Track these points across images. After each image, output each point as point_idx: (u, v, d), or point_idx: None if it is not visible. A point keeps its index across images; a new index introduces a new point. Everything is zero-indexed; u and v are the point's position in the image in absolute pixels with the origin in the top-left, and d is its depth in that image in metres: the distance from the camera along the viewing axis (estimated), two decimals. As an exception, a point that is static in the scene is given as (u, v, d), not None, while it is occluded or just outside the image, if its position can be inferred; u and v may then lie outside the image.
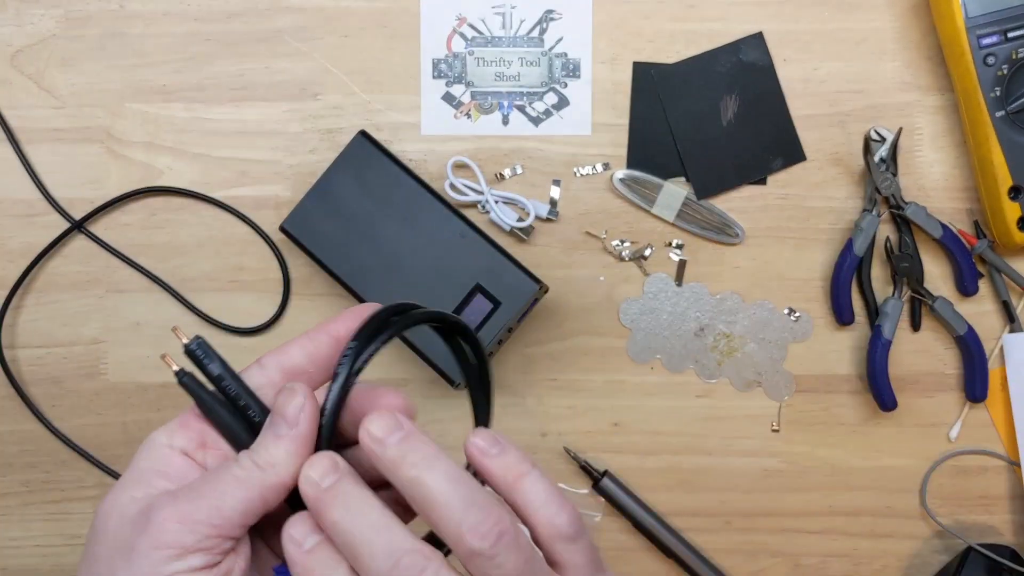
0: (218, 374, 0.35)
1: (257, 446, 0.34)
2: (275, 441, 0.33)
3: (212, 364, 0.35)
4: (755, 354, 0.71)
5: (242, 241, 0.71)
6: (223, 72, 0.71)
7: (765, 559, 0.72)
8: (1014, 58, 0.65)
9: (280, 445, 0.33)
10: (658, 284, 0.71)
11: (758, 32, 0.70)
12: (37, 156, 0.71)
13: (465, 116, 0.71)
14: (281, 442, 0.33)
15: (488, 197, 0.69)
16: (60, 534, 0.73)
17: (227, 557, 0.33)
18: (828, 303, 0.70)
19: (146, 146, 0.71)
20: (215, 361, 0.35)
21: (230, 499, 0.33)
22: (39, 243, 0.71)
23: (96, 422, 0.72)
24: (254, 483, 0.33)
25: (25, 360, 0.72)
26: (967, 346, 0.69)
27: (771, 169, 0.70)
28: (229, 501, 0.33)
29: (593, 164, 0.70)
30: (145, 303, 0.71)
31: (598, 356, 0.71)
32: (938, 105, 0.70)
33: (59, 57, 0.71)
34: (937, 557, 0.71)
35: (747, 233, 0.70)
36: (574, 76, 0.70)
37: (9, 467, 0.73)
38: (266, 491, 0.33)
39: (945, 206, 0.70)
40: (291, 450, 0.33)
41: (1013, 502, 0.71)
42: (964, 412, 0.71)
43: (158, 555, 0.32)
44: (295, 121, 0.71)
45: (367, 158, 0.67)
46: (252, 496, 0.33)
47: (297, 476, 0.33)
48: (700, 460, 0.71)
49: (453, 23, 0.70)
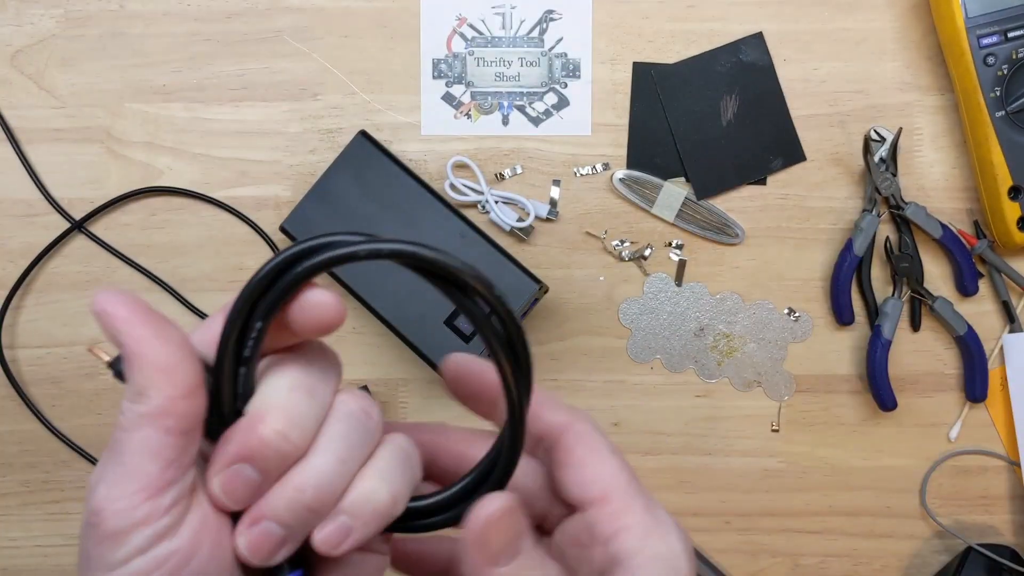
0: None
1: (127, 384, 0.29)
2: (128, 368, 0.28)
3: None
4: (755, 354, 0.71)
5: (242, 241, 0.71)
6: (223, 72, 0.71)
7: (765, 559, 0.72)
8: (1014, 58, 0.65)
9: (131, 369, 0.28)
10: (658, 284, 0.71)
11: (758, 32, 0.70)
12: (37, 156, 0.71)
13: (465, 116, 0.71)
14: (130, 365, 0.28)
15: (488, 197, 0.69)
16: (60, 534, 0.73)
17: (182, 520, 0.29)
18: (828, 303, 0.70)
19: (146, 146, 0.71)
20: None
21: (132, 455, 0.28)
22: (39, 243, 0.71)
23: (96, 422, 0.72)
24: (138, 422, 0.28)
25: (25, 360, 0.72)
26: (967, 346, 0.69)
27: (771, 169, 0.70)
28: (133, 458, 0.28)
29: (593, 164, 0.71)
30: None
31: (598, 356, 0.71)
32: (938, 105, 0.70)
33: (59, 57, 0.71)
34: (937, 557, 0.71)
35: (747, 233, 0.70)
36: (574, 76, 0.70)
37: (9, 467, 0.73)
38: (157, 421, 0.28)
39: (945, 206, 0.70)
40: (143, 366, 0.28)
41: (1013, 502, 0.71)
42: (964, 412, 0.71)
43: (104, 548, 0.28)
44: (295, 121, 0.71)
45: (367, 158, 0.67)
46: (146, 436, 0.28)
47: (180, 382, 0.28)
48: (700, 460, 0.71)
49: (453, 23, 0.70)
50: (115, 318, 0.28)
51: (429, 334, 0.65)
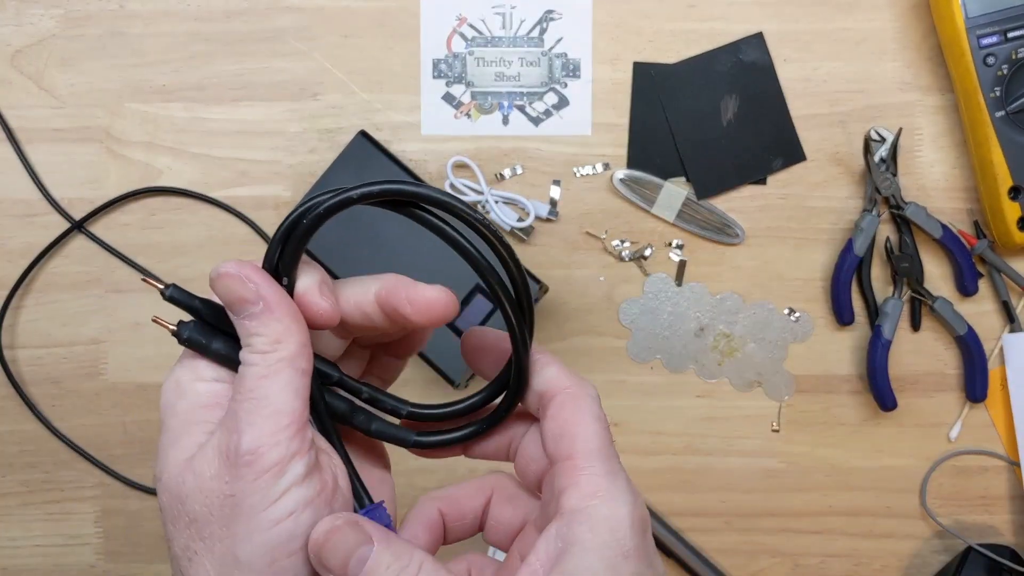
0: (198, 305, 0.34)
1: (248, 338, 0.32)
2: (256, 322, 0.32)
3: (193, 301, 0.34)
4: (755, 354, 0.71)
5: (242, 241, 0.71)
6: (223, 72, 0.71)
7: (765, 559, 0.72)
8: (1014, 58, 0.65)
9: (264, 322, 0.32)
10: (658, 284, 0.71)
11: (758, 32, 0.70)
12: (37, 156, 0.71)
13: (465, 116, 0.71)
14: (262, 319, 0.32)
15: (488, 197, 0.69)
16: (60, 534, 0.73)
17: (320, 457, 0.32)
18: (828, 303, 0.70)
19: (145, 146, 0.71)
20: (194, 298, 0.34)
21: (279, 395, 0.31)
22: (39, 243, 0.71)
23: (96, 422, 0.72)
24: (279, 366, 0.31)
25: (25, 360, 0.72)
26: (967, 346, 0.69)
27: (771, 169, 0.70)
28: (280, 397, 0.31)
29: (593, 164, 0.70)
30: (145, 303, 0.71)
31: (598, 356, 0.71)
32: (938, 105, 0.70)
33: (59, 57, 0.71)
34: (937, 557, 0.71)
35: (747, 233, 0.70)
36: (574, 76, 0.70)
37: (9, 467, 0.73)
38: (295, 363, 0.31)
39: (945, 206, 0.70)
40: (277, 315, 0.32)
41: (1013, 502, 0.71)
42: (964, 412, 0.71)
43: (263, 483, 0.30)
44: (295, 121, 0.71)
45: (367, 158, 0.67)
46: (288, 376, 0.31)
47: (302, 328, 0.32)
48: (700, 460, 0.71)
49: (453, 23, 0.70)
50: (252, 279, 0.32)
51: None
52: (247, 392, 0.31)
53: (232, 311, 0.32)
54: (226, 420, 0.31)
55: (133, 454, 0.72)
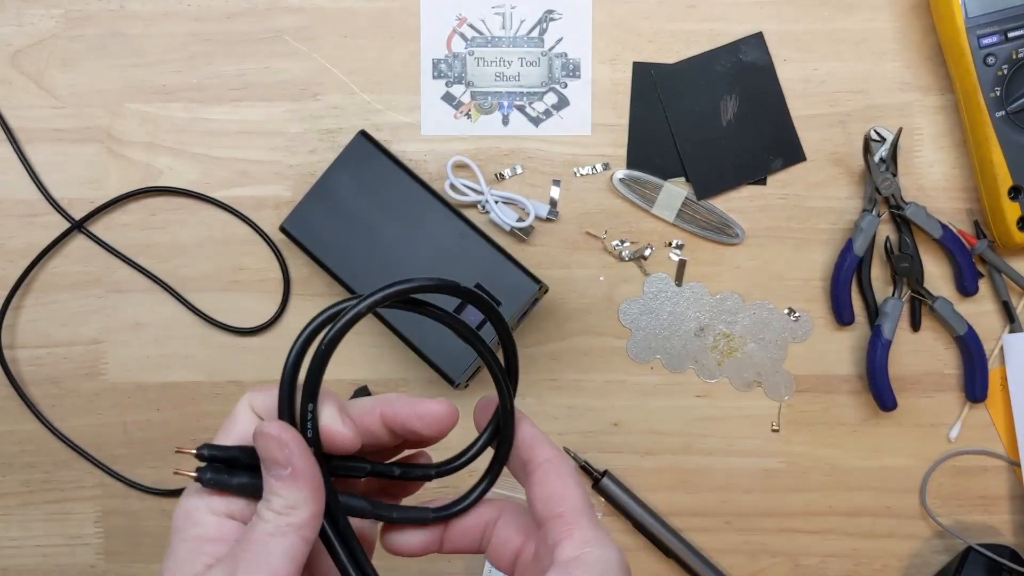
0: (237, 454, 0.36)
1: (268, 495, 0.35)
2: (280, 484, 0.34)
3: (231, 452, 0.36)
4: (755, 354, 0.71)
5: (242, 241, 0.71)
6: (223, 72, 0.71)
7: (765, 559, 0.72)
8: (1014, 58, 0.65)
9: (286, 486, 0.34)
10: (658, 284, 0.71)
11: (758, 32, 0.70)
12: (37, 156, 0.71)
13: (465, 116, 0.71)
14: (285, 483, 0.34)
15: (488, 197, 0.69)
16: (60, 534, 0.73)
17: None
18: (828, 303, 0.70)
19: (146, 146, 0.71)
20: (231, 449, 0.36)
21: (275, 555, 0.34)
22: (39, 243, 0.71)
23: (96, 422, 0.72)
24: (287, 530, 0.34)
25: (25, 360, 0.72)
26: (967, 346, 0.69)
27: (771, 169, 0.70)
28: (276, 558, 0.34)
29: (593, 164, 0.70)
30: (145, 303, 0.71)
31: (598, 356, 0.71)
32: (938, 105, 0.70)
33: (59, 57, 0.71)
34: (937, 557, 0.71)
35: (747, 233, 0.70)
36: (574, 76, 0.70)
37: (9, 467, 0.73)
38: (301, 531, 0.34)
39: (945, 206, 0.70)
40: (299, 485, 0.34)
41: (1013, 502, 0.71)
42: (964, 412, 0.71)
43: None
44: (295, 121, 0.71)
45: (367, 158, 0.67)
46: (291, 542, 0.34)
47: (319, 499, 0.35)
48: (700, 460, 0.71)
49: (453, 23, 0.70)
50: (288, 446, 0.34)
51: (429, 335, 0.65)
52: (251, 543, 0.34)
53: (264, 466, 0.35)
54: (226, 560, 0.34)
55: (133, 454, 0.72)
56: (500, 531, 0.40)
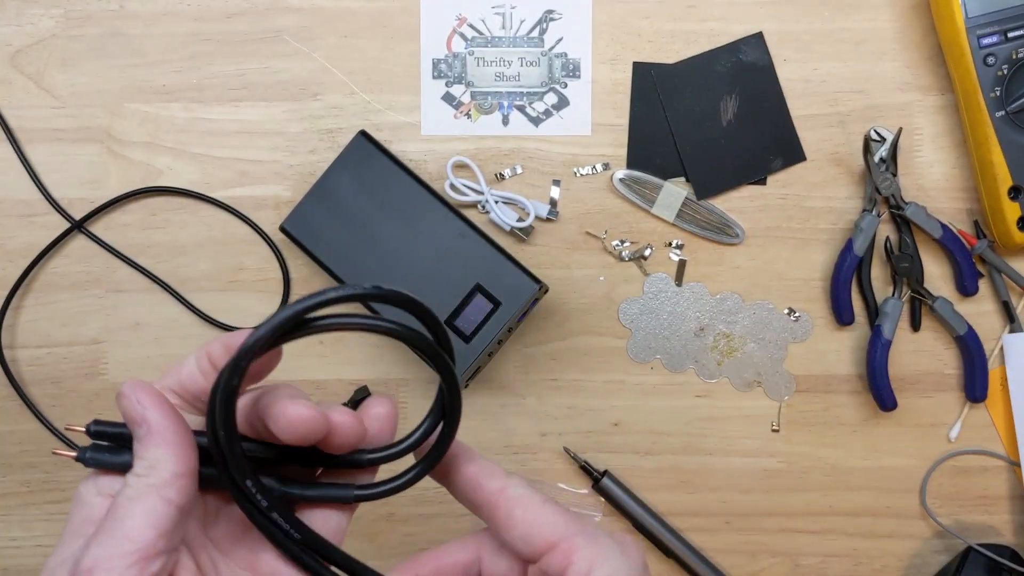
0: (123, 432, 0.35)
1: (135, 459, 0.33)
2: (139, 445, 0.33)
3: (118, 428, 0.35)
4: (755, 354, 0.71)
5: (242, 241, 0.71)
6: (223, 72, 0.71)
7: (765, 559, 0.72)
8: (1014, 58, 0.65)
9: (144, 445, 0.33)
10: (658, 284, 0.71)
11: (758, 32, 0.70)
12: (37, 156, 0.71)
13: (465, 116, 0.71)
14: (143, 442, 0.33)
15: (488, 197, 0.69)
16: (60, 534, 0.73)
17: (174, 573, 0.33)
18: (828, 303, 0.70)
19: (146, 146, 0.71)
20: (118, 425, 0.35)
21: (133, 520, 0.31)
22: (39, 243, 0.71)
23: (96, 422, 0.72)
24: (145, 492, 0.32)
25: (25, 360, 0.72)
26: (967, 346, 0.69)
27: (771, 169, 0.70)
28: (133, 522, 0.31)
29: (593, 164, 0.70)
30: (145, 303, 0.71)
31: (598, 356, 0.71)
32: (938, 105, 0.70)
33: (59, 57, 0.71)
34: (937, 557, 0.71)
35: (747, 233, 0.70)
36: (574, 76, 0.70)
37: (9, 467, 0.73)
38: (162, 491, 0.32)
39: (945, 206, 0.70)
40: (155, 441, 0.32)
41: (1013, 502, 0.71)
42: (964, 412, 0.71)
43: None
44: (295, 121, 0.71)
45: (367, 158, 0.67)
46: (151, 505, 0.32)
47: (182, 458, 0.32)
48: (700, 460, 0.71)
49: (453, 23, 0.70)
50: (142, 401, 0.33)
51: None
52: (112, 511, 0.32)
53: (131, 431, 0.33)
54: (101, 524, 0.32)
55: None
56: (489, 567, 0.37)
